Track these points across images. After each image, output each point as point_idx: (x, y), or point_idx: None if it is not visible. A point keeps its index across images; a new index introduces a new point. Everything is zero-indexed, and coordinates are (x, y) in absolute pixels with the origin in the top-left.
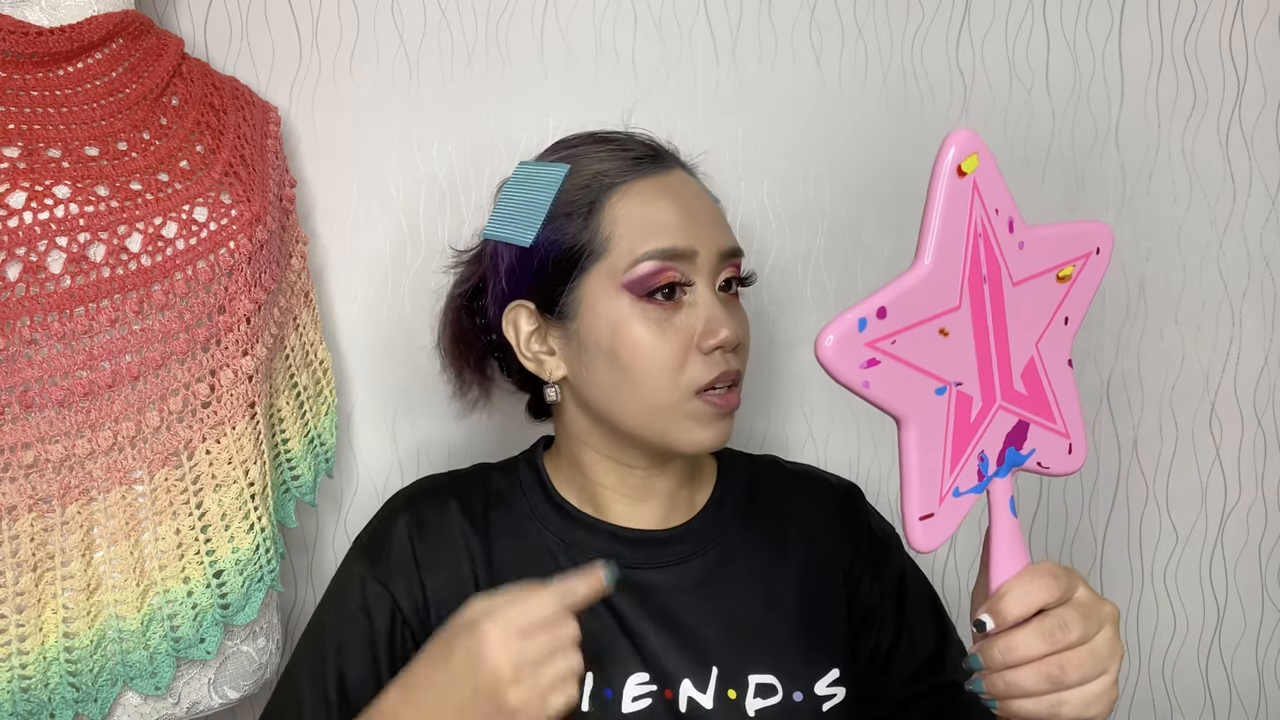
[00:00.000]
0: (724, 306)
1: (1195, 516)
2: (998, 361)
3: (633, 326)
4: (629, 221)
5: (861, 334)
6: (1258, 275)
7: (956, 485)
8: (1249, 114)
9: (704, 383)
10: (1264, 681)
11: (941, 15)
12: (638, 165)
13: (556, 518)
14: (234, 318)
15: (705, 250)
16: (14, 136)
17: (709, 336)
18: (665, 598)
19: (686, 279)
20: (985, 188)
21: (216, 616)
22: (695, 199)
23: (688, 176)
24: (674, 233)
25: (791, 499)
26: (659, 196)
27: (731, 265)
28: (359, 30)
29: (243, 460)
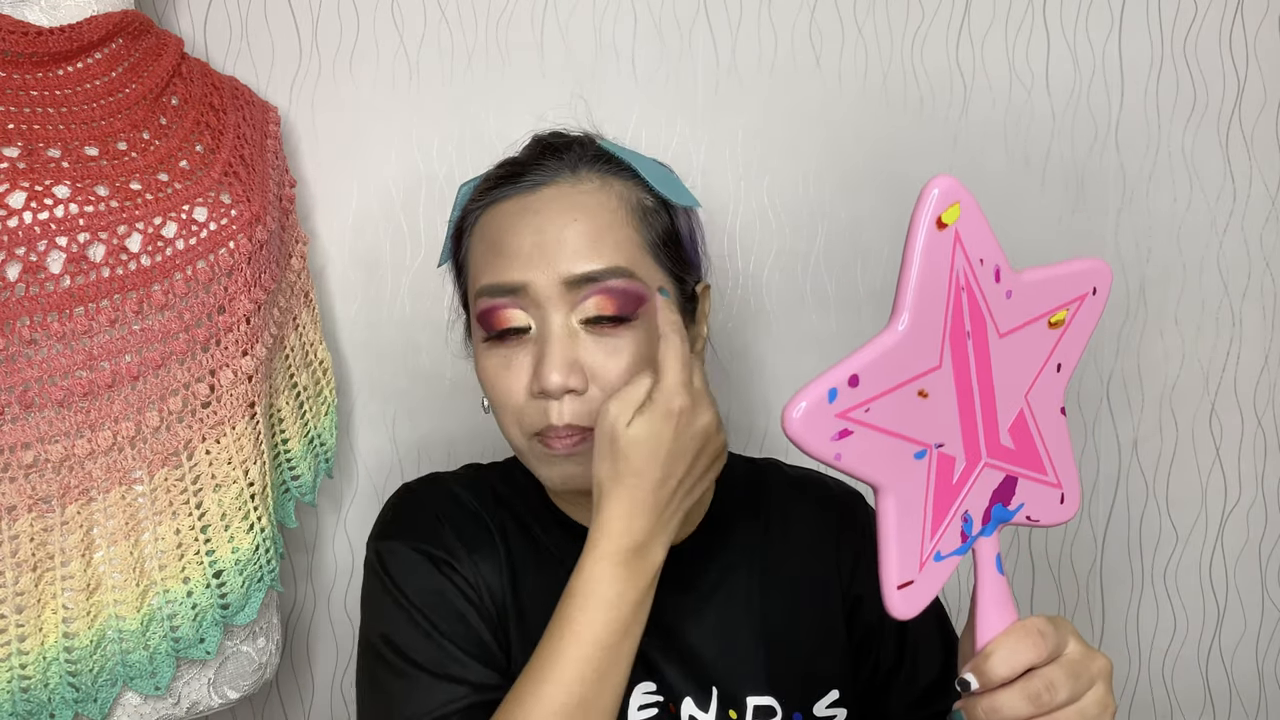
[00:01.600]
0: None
1: (1195, 516)
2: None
3: (483, 361)
4: (477, 251)
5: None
6: (1258, 275)
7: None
8: (1249, 114)
9: (533, 429)
10: (1264, 681)
11: (941, 15)
12: (501, 188)
13: (557, 529)
14: (234, 318)
15: (543, 280)
16: (14, 136)
17: (533, 380)
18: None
19: (525, 324)
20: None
21: (216, 616)
22: (556, 220)
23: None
24: (507, 265)
25: (792, 510)
26: (503, 224)
27: (598, 294)
28: (359, 30)
29: (242, 460)
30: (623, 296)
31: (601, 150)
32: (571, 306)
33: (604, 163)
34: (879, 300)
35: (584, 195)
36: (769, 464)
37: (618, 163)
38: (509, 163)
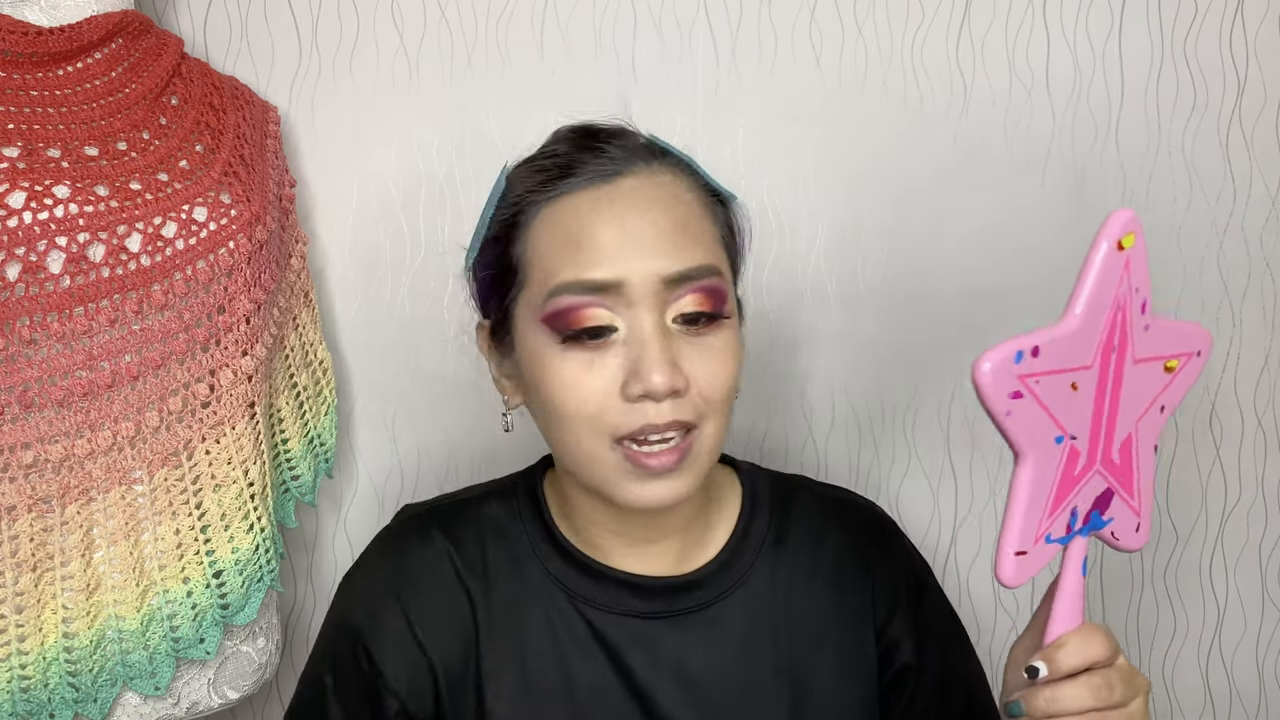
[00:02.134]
0: (675, 344)
1: (1195, 516)
2: (1106, 427)
3: (552, 364)
4: (549, 246)
5: (1016, 366)
6: (1258, 275)
7: (1049, 531)
8: (1249, 114)
9: (623, 432)
10: (1264, 681)
11: (941, 15)
12: (567, 177)
13: (558, 560)
14: (233, 318)
15: (639, 278)
16: (14, 136)
17: (634, 381)
18: (681, 653)
19: (610, 323)
20: (1134, 266)
21: (216, 617)
22: (642, 213)
23: (647, 183)
24: (594, 260)
25: (822, 532)
26: (585, 215)
27: (694, 291)
28: (359, 30)
29: (242, 460)
30: (715, 295)
31: (656, 143)
32: (666, 304)
33: (665, 155)
34: (879, 300)
35: (663, 187)
36: (796, 482)
37: (676, 156)
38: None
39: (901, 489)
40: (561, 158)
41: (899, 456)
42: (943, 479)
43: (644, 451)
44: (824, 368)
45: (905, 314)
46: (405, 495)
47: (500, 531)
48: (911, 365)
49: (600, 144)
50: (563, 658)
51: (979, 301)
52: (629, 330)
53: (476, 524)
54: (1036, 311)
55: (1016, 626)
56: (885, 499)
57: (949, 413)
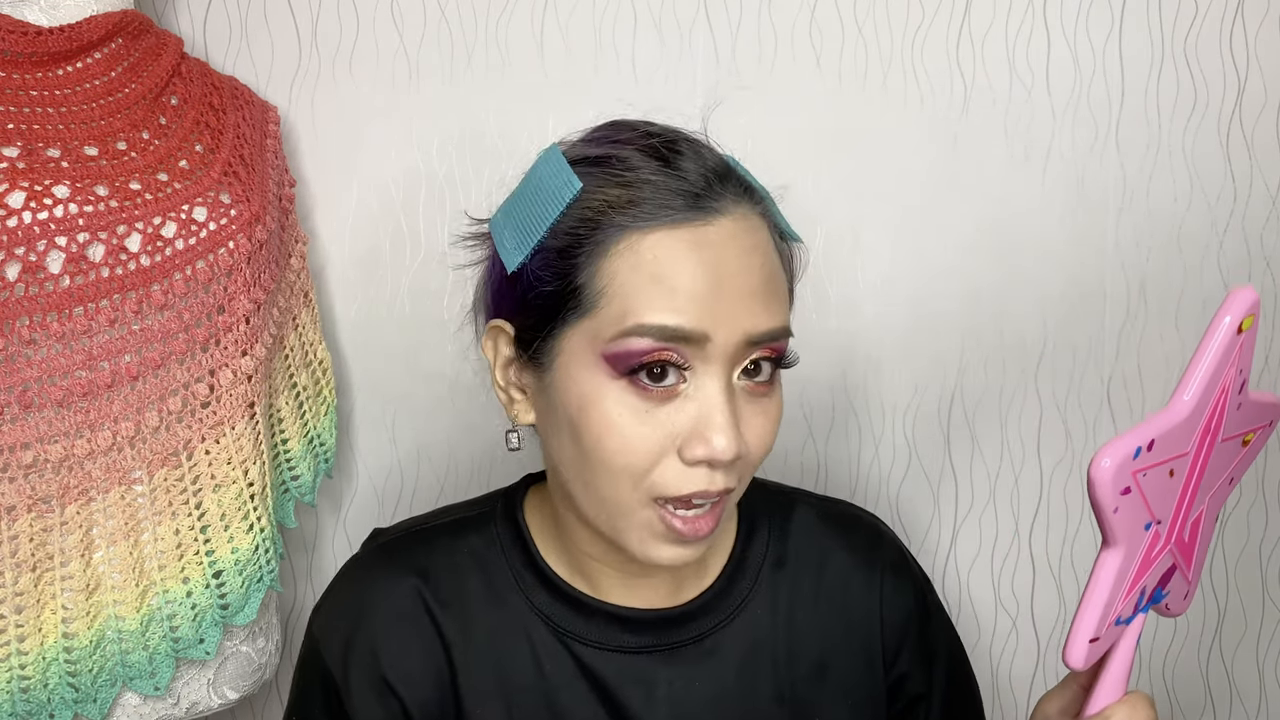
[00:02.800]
0: (737, 404)
1: None
2: (1185, 508)
3: (604, 406)
4: (630, 280)
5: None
6: (1258, 275)
7: (1120, 613)
8: (1249, 114)
9: (671, 495)
10: (1264, 681)
11: (941, 15)
12: (664, 208)
13: (543, 592)
14: (233, 318)
15: (724, 335)
16: (13, 136)
17: (698, 444)
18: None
19: (685, 364)
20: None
21: (216, 617)
22: (734, 262)
23: (741, 226)
24: (685, 307)
25: (824, 552)
26: (680, 256)
27: (765, 352)
28: (359, 30)
29: (242, 460)
30: (781, 354)
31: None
32: (738, 363)
33: (750, 190)
34: (879, 300)
35: (754, 234)
36: (795, 497)
37: (756, 191)
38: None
39: (901, 489)
40: (643, 173)
41: (899, 456)
42: (943, 479)
43: (681, 515)
44: (824, 368)
45: (905, 314)
46: (405, 495)
47: (478, 562)
48: (911, 365)
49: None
50: (550, 696)
51: (979, 301)
52: (697, 388)
53: (451, 554)
54: (1036, 311)
55: (1017, 626)
56: (885, 499)
57: (949, 413)
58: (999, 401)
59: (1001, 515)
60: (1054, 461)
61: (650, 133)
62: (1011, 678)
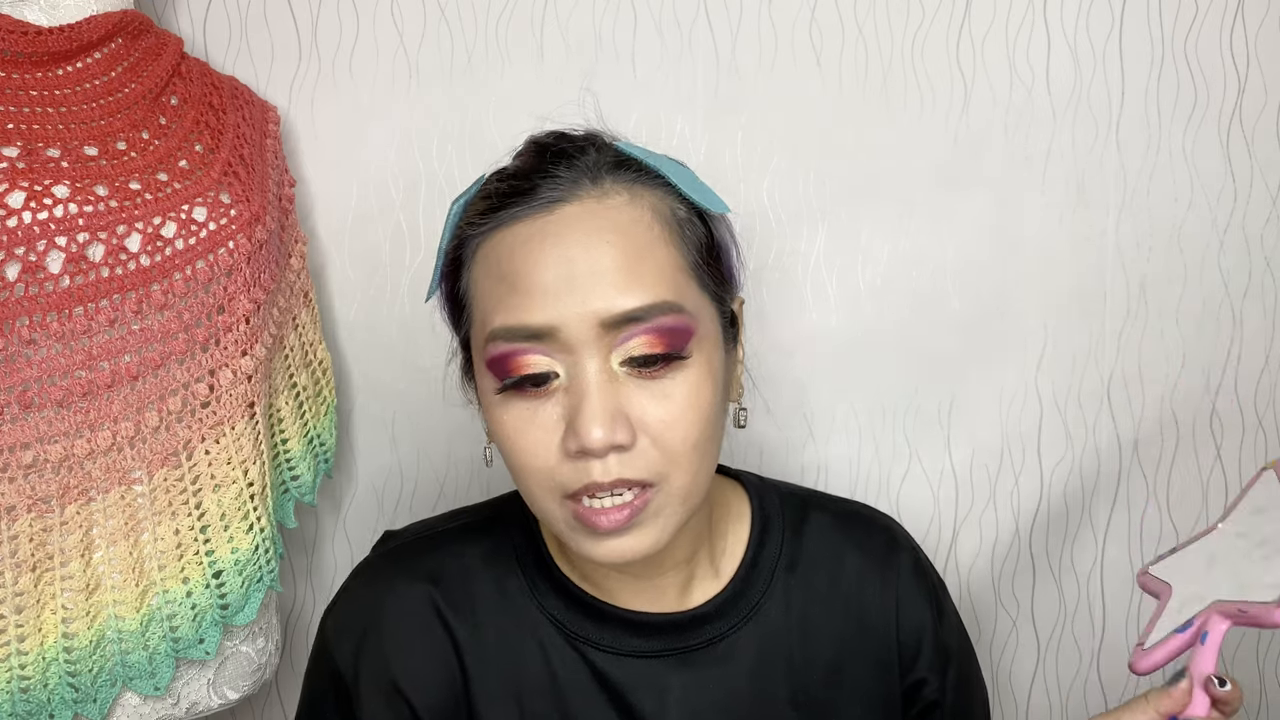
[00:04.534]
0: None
1: (1195, 516)
2: None
3: (497, 413)
4: (484, 285)
5: None
6: (1259, 275)
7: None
8: (1250, 114)
9: (570, 490)
10: (1264, 681)
11: (941, 15)
12: (510, 208)
13: (555, 597)
14: (233, 318)
15: (574, 324)
16: (13, 136)
17: (570, 436)
18: (690, 693)
19: (550, 370)
20: None
21: (216, 617)
22: (579, 247)
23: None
24: (526, 304)
25: (839, 555)
26: (519, 251)
27: (644, 333)
28: (359, 30)
29: (242, 460)
30: (671, 334)
31: (622, 154)
32: (610, 348)
33: (627, 169)
34: (879, 300)
35: (613, 212)
36: (810, 499)
37: (642, 168)
38: (510, 175)
39: (901, 489)
40: (507, 181)
41: (899, 456)
42: (943, 479)
43: (591, 508)
44: (824, 368)
45: (905, 314)
46: (405, 496)
47: (490, 566)
48: (911, 365)
49: (550, 164)
50: (562, 701)
51: (979, 301)
52: (569, 377)
53: (462, 559)
54: (1036, 311)
55: (1017, 626)
56: (885, 499)
57: (949, 413)
58: (999, 401)
59: (1001, 515)
60: (1054, 461)
61: (536, 140)
62: (1012, 678)
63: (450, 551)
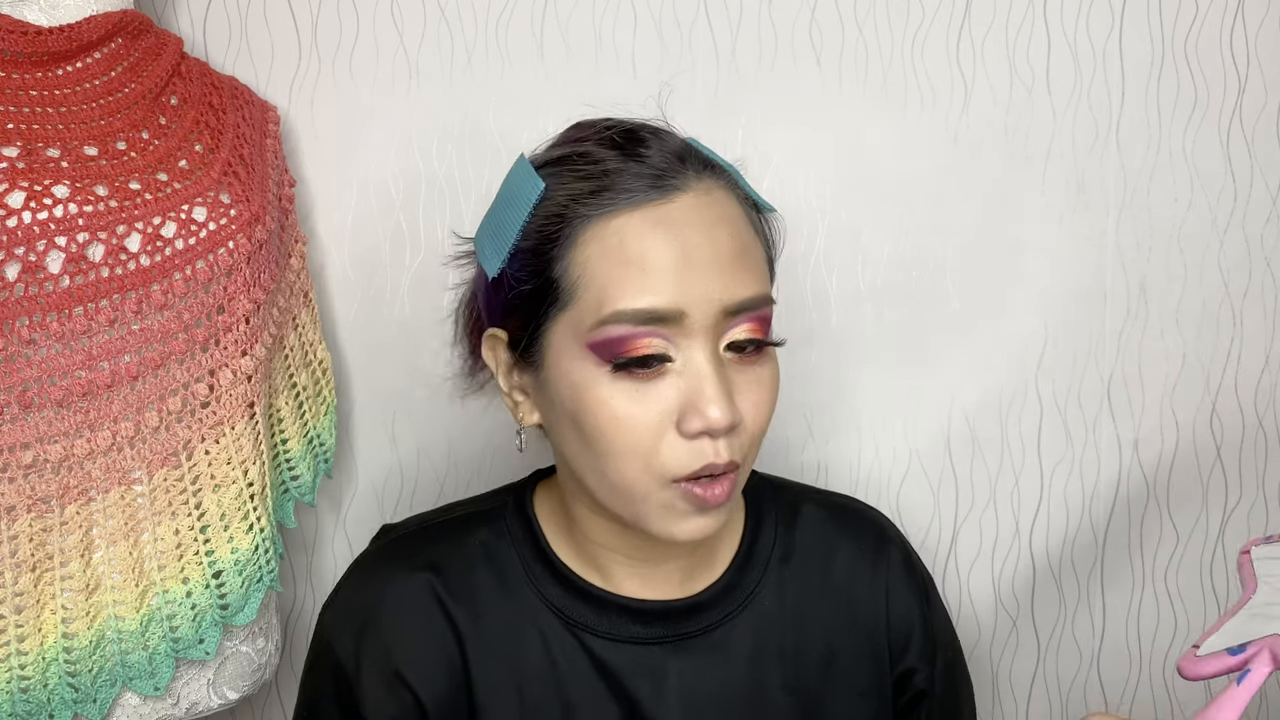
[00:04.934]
0: (727, 375)
1: (1195, 516)
2: None
3: (597, 394)
4: (600, 267)
5: None
6: (1259, 275)
7: None
8: (1250, 114)
9: (683, 473)
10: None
11: (941, 15)
12: (625, 192)
13: (554, 585)
14: (233, 318)
15: (700, 309)
16: (13, 136)
17: (693, 417)
18: (687, 679)
19: (665, 352)
20: None
21: (215, 617)
22: (701, 235)
23: (704, 200)
24: (655, 287)
25: (831, 547)
26: (645, 236)
27: (749, 320)
28: (359, 30)
29: (242, 460)
30: (766, 323)
31: (701, 152)
32: (721, 334)
33: (711, 165)
34: (879, 300)
35: (720, 206)
36: (803, 493)
37: (720, 166)
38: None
39: (901, 489)
40: (604, 164)
41: (899, 456)
42: (943, 479)
43: (704, 483)
44: (824, 367)
45: (905, 314)
46: (405, 495)
47: (489, 556)
48: (911, 365)
49: (645, 151)
50: (561, 687)
51: (979, 301)
52: (684, 362)
53: (462, 549)
54: (1036, 311)
55: (1017, 626)
56: (885, 499)
57: (949, 413)
58: (999, 401)
59: (1001, 515)
60: (1054, 461)
61: (609, 126)
62: (1011, 678)
63: (449, 541)
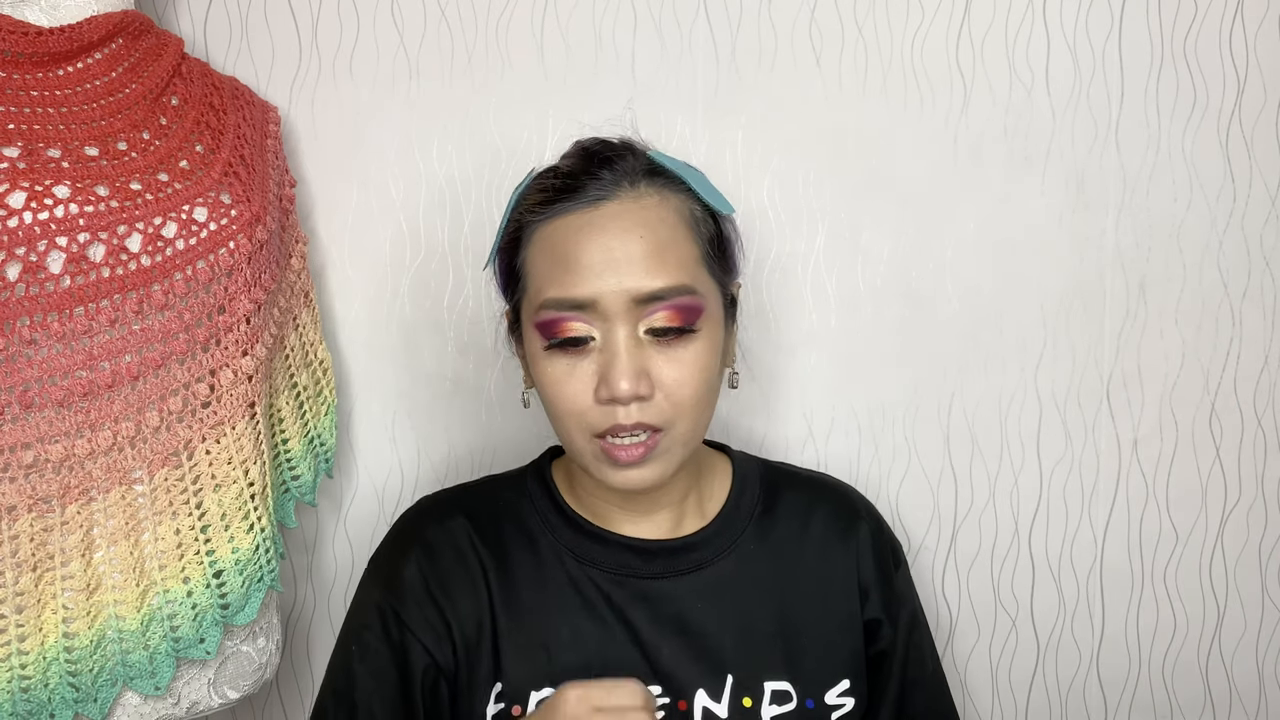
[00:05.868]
0: (644, 353)
1: (1195, 516)
2: None
3: (542, 365)
4: (540, 262)
5: None
6: (1258, 275)
7: None
8: (1249, 114)
9: (598, 430)
10: (1264, 682)
11: (941, 15)
12: (556, 201)
13: (567, 530)
14: (234, 318)
15: (611, 298)
16: (14, 136)
17: (603, 387)
18: (680, 606)
19: (588, 334)
20: None
21: (216, 617)
22: (619, 237)
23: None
24: (575, 281)
25: (808, 510)
26: (571, 238)
27: (666, 309)
28: (359, 30)
29: (242, 460)
30: (686, 311)
31: (653, 164)
32: (638, 319)
33: (657, 175)
34: (879, 300)
35: (645, 210)
36: (783, 469)
37: (669, 175)
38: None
39: (901, 489)
40: (560, 179)
41: (899, 456)
42: (943, 479)
43: (614, 444)
44: (824, 368)
45: (905, 314)
46: (405, 495)
47: (513, 511)
48: (911, 365)
49: (595, 167)
50: (571, 616)
51: (979, 301)
52: (603, 340)
53: (492, 504)
54: (1036, 312)
55: (1017, 626)
56: (885, 499)
57: (949, 413)
58: (999, 401)
59: (1001, 515)
60: (1054, 461)
61: (583, 145)
62: (1011, 678)
63: (480, 496)
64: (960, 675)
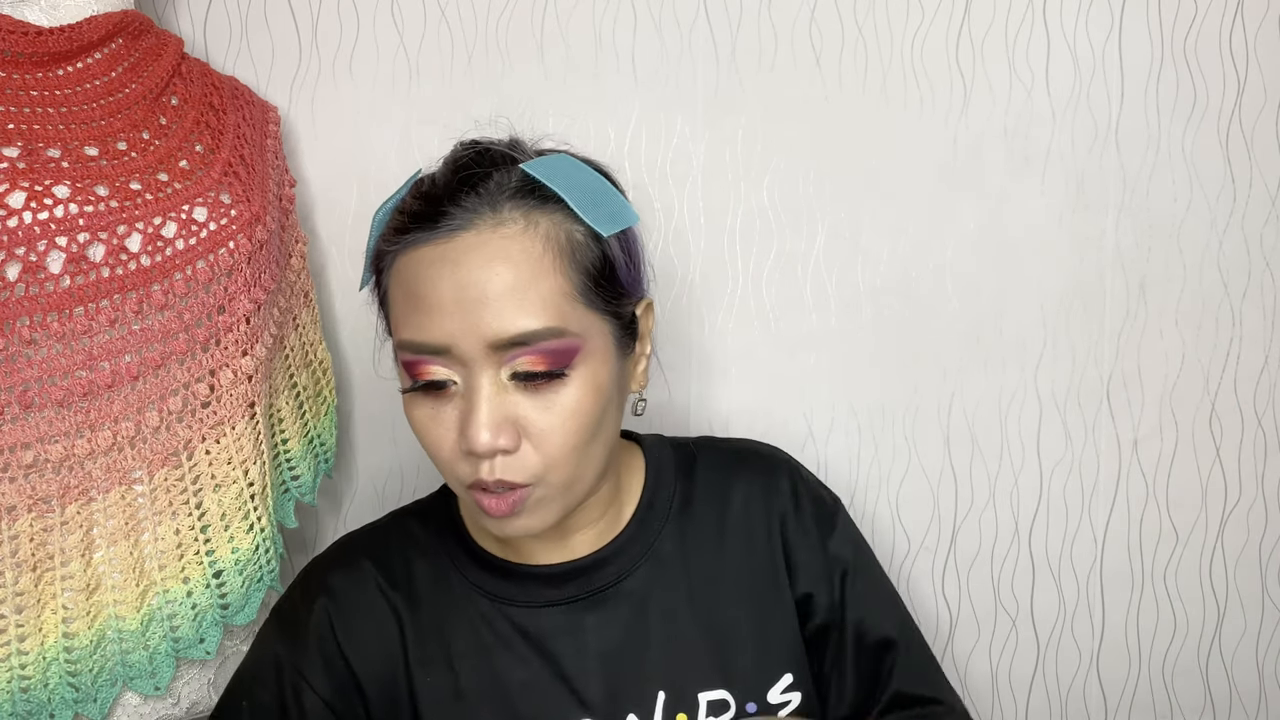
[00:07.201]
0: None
1: (1195, 516)
2: None
3: (409, 408)
4: (395, 298)
5: None
6: (1258, 275)
7: None
8: (1249, 114)
9: (464, 482)
10: (1264, 682)
11: (941, 15)
12: (409, 231)
13: (474, 566)
14: (234, 318)
15: (466, 343)
16: (13, 136)
17: (460, 438)
18: (603, 633)
19: (448, 378)
20: None
21: (216, 617)
22: (474, 274)
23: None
24: (425, 323)
25: (726, 490)
26: (422, 275)
27: (530, 354)
28: (359, 30)
29: (242, 460)
30: (554, 355)
31: (527, 179)
32: (500, 364)
33: (529, 194)
34: (879, 300)
35: (507, 241)
36: (698, 444)
37: (544, 193)
38: (422, 195)
39: (901, 489)
40: (420, 201)
41: (899, 456)
42: (943, 479)
43: (482, 496)
44: (824, 368)
45: (905, 314)
46: (405, 495)
47: (422, 549)
48: (911, 365)
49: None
50: (490, 659)
51: (979, 301)
52: (465, 387)
53: (401, 544)
54: (1036, 312)
55: (1016, 626)
56: (885, 499)
57: (949, 413)
58: (999, 402)
59: (1001, 515)
60: (1053, 461)
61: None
62: (1011, 678)
63: (390, 538)
64: (960, 675)
